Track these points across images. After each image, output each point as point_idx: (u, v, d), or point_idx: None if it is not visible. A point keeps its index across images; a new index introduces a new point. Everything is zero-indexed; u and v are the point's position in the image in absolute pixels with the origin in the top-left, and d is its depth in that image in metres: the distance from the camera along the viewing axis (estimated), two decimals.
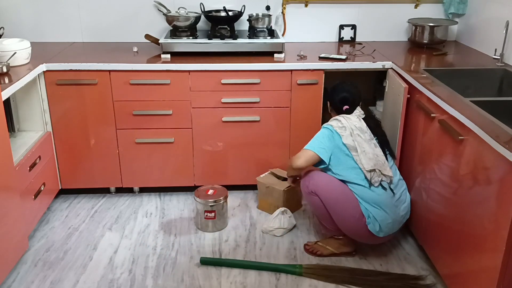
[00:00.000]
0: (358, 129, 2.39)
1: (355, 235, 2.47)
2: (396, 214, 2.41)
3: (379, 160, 2.36)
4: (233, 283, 2.38)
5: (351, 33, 3.38)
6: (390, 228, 2.40)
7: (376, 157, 2.36)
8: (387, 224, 2.37)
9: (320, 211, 2.45)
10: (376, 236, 2.39)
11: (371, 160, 2.34)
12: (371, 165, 2.33)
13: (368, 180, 2.34)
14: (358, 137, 2.36)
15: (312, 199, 2.44)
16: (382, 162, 2.37)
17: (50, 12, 3.24)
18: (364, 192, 2.35)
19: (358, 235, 2.45)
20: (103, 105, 2.87)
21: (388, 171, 2.37)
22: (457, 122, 2.04)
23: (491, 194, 1.82)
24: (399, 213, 2.43)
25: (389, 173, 2.37)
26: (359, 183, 2.35)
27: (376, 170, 2.33)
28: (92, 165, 3.01)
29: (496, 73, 2.67)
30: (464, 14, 3.28)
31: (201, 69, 2.82)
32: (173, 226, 2.83)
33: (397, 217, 2.42)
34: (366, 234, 2.39)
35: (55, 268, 2.47)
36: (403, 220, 2.49)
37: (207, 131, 2.97)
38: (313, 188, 2.41)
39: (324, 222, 2.52)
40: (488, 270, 1.85)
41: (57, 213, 2.96)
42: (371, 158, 2.34)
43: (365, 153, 2.34)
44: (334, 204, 2.38)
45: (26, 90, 2.77)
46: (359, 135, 2.37)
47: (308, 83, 2.89)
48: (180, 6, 3.12)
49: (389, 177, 2.37)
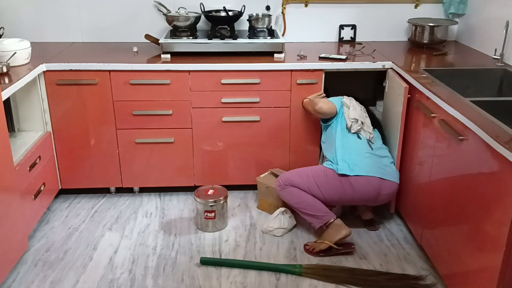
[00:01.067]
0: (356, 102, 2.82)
1: (339, 194, 2.55)
2: (372, 162, 2.57)
3: (365, 119, 2.72)
4: (233, 283, 2.38)
5: (351, 33, 3.38)
6: (362, 168, 2.52)
7: (365, 117, 2.73)
8: (358, 163, 2.52)
9: (301, 198, 2.58)
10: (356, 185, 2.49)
11: (357, 114, 2.71)
12: (356, 116, 2.69)
13: (347, 128, 2.66)
14: (354, 102, 2.79)
15: (289, 191, 2.62)
16: (367, 123, 2.72)
17: (50, 12, 3.24)
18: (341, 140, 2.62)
19: (340, 192, 2.54)
20: (103, 105, 2.87)
21: (369, 129, 2.69)
22: (457, 122, 2.04)
23: (491, 194, 1.82)
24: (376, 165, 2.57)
25: (369, 130, 2.69)
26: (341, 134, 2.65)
27: (358, 121, 2.67)
28: (92, 165, 3.01)
29: (496, 73, 2.67)
30: (464, 14, 3.28)
31: (201, 69, 2.82)
32: (173, 226, 2.83)
33: (374, 164, 2.56)
34: (345, 186, 2.52)
35: (55, 268, 2.47)
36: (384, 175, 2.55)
37: (207, 131, 2.97)
38: (284, 181, 2.63)
39: (309, 210, 2.58)
40: (488, 270, 1.85)
41: (57, 213, 2.96)
42: (358, 113, 2.71)
43: (355, 110, 2.73)
44: (307, 179, 2.58)
45: (26, 90, 2.77)
46: (357, 104, 2.80)
47: (308, 83, 2.89)
48: (180, 6, 3.12)
49: (368, 133, 2.67)
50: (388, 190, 2.57)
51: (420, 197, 2.49)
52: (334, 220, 2.56)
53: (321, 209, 2.56)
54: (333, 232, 2.55)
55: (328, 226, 2.57)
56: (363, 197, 2.58)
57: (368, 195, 2.56)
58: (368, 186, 2.53)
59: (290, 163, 3.07)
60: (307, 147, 3.03)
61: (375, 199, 2.60)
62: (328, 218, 2.56)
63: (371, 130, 2.71)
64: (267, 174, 3.02)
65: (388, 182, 2.57)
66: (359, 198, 2.58)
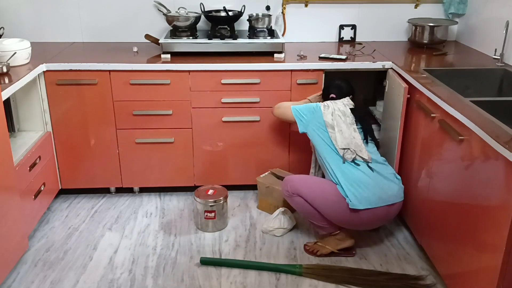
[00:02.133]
0: (341, 112, 2.54)
1: (343, 221, 2.47)
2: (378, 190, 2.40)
3: (355, 142, 2.49)
4: (233, 283, 2.38)
5: (351, 33, 3.38)
6: (371, 200, 2.38)
7: (353, 139, 2.49)
8: (365, 195, 2.37)
9: (306, 209, 2.49)
10: (362, 216, 2.39)
11: (346, 139, 2.47)
12: (345, 143, 2.46)
13: (341, 156, 2.45)
14: (338, 118, 2.52)
15: (295, 200, 2.50)
16: (358, 144, 2.48)
17: (50, 12, 3.24)
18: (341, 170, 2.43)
19: (345, 220, 2.45)
20: (103, 105, 2.87)
21: (364, 153, 2.47)
22: (457, 122, 2.04)
23: (491, 194, 1.82)
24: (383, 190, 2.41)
25: (364, 155, 2.46)
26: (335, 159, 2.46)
27: (350, 150, 2.46)
28: (92, 165, 3.01)
29: (496, 73, 2.67)
30: (464, 14, 3.28)
31: (201, 69, 2.82)
32: (173, 226, 2.83)
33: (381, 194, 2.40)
34: (352, 217, 2.40)
35: (55, 268, 2.47)
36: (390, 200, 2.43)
37: (207, 131, 2.97)
38: (292, 190, 2.49)
39: (315, 220, 2.53)
40: (488, 270, 1.85)
41: (57, 213, 2.96)
42: (346, 137, 2.48)
43: (341, 132, 2.49)
44: (315, 196, 2.45)
45: (26, 90, 2.77)
46: (339, 116, 2.52)
47: (308, 83, 2.89)
48: (180, 6, 3.13)
49: (364, 159, 2.46)
50: (394, 213, 2.51)
51: (420, 197, 2.48)
52: (339, 231, 2.54)
53: (327, 221, 2.51)
54: (337, 241, 2.55)
55: (333, 235, 2.56)
56: (369, 227, 2.58)
57: (375, 224, 2.56)
58: (376, 218, 2.47)
59: (290, 163, 3.07)
60: (307, 147, 3.03)
61: (382, 224, 2.62)
62: (334, 230, 2.54)
63: (365, 151, 2.48)
64: (267, 174, 3.02)
65: (395, 205, 2.48)
66: (364, 228, 2.58)
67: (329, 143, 2.49)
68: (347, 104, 2.58)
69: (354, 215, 2.40)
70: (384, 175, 2.47)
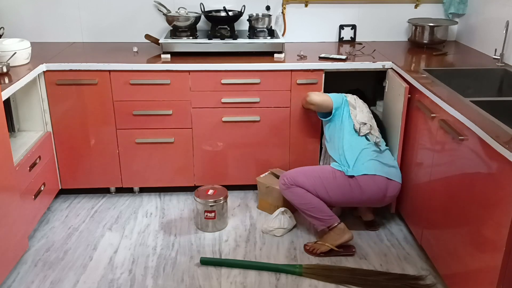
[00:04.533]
0: (361, 101, 2.78)
1: (346, 195, 2.53)
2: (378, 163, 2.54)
3: (373, 122, 2.70)
4: (233, 283, 2.38)
5: (351, 33, 3.38)
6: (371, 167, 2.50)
7: (371, 119, 2.70)
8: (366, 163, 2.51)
9: (306, 200, 2.53)
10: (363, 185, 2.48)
11: (365, 117, 2.67)
12: (364, 119, 2.65)
13: (356, 130, 2.61)
14: (360, 102, 2.76)
15: (294, 191, 2.56)
16: (374, 126, 2.69)
17: (50, 12, 3.24)
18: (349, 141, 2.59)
19: (347, 193, 2.52)
20: (103, 105, 2.87)
21: (377, 133, 2.66)
22: (457, 122, 2.04)
23: (491, 194, 1.82)
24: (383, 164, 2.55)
25: (376, 134, 2.66)
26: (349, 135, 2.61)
27: (367, 124, 2.63)
28: (92, 165, 3.01)
29: (496, 73, 2.67)
30: (464, 14, 3.28)
31: (201, 69, 2.82)
32: (173, 226, 2.83)
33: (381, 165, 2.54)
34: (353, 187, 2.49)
35: (55, 268, 2.47)
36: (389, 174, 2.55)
37: (207, 131, 2.97)
38: (290, 181, 2.57)
39: (314, 212, 2.55)
40: (488, 270, 1.85)
41: (57, 213, 2.96)
42: (366, 116, 2.68)
43: (362, 112, 2.69)
44: (314, 180, 2.53)
45: (26, 90, 2.77)
46: (361, 104, 2.76)
47: (308, 83, 2.89)
48: (180, 6, 3.13)
49: (375, 137, 2.63)
50: (393, 191, 2.57)
51: (420, 197, 2.49)
52: (337, 224, 2.55)
53: (325, 212, 2.55)
54: (336, 235, 2.56)
55: (331, 229, 2.56)
56: (370, 198, 2.56)
57: (375, 196, 2.55)
58: (376, 187, 2.51)
59: (290, 163, 3.07)
60: (307, 147, 3.03)
61: (381, 200, 2.59)
62: (332, 222, 2.55)
63: (378, 133, 2.68)
64: (267, 174, 3.02)
65: (394, 182, 2.56)
66: (366, 199, 2.56)
67: (348, 122, 2.64)
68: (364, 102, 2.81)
69: (355, 185, 2.48)
70: (387, 158, 2.62)
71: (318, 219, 2.56)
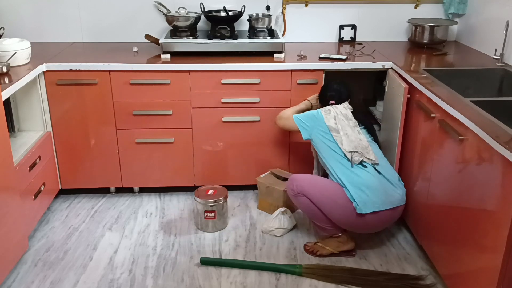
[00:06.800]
0: (343, 115, 2.56)
1: (348, 224, 2.48)
2: (383, 193, 2.40)
3: (361, 144, 2.48)
4: (233, 283, 2.38)
5: (351, 33, 3.38)
6: (377, 204, 2.38)
7: (359, 141, 2.49)
8: (372, 199, 2.37)
9: (311, 210, 2.48)
10: (368, 220, 2.39)
11: (353, 142, 2.47)
12: (352, 146, 2.46)
13: (348, 159, 2.43)
14: (342, 121, 2.53)
15: (300, 200, 2.49)
16: (365, 146, 2.48)
17: (50, 12, 3.24)
18: (346, 174, 2.42)
19: (350, 223, 2.45)
20: (103, 105, 2.87)
21: (371, 155, 2.47)
22: (457, 122, 2.04)
23: (491, 194, 1.82)
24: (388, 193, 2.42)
25: (371, 156, 2.46)
26: (340, 163, 2.44)
27: (358, 152, 2.45)
28: (92, 165, 3.01)
29: (496, 73, 2.67)
30: (464, 14, 3.28)
31: (201, 69, 2.82)
32: (173, 226, 2.83)
33: (386, 197, 2.41)
34: (358, 220, 2.40)
35: (55, 268, 2.47)
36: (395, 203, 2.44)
37: (207, 131, 2.97)
38: (298, 189, 2.48)
39: (318, 221, 2.53)
40: (488, 270, 1.85)
41: (57, 213, 2.96)
42: (353, 140, 2.48)
43: (347, 135, 2.49)
44: (321, 198, 2.44)
45: (26, 90, 2.77)
46: (343, 120, 2.53)
47: (308, 83, 2.89)
48: (180, 6, 3.12)
49: (371, 161, 2.46)
50: (397, 217, 2.52)
51: (420, 197, 2.48)
52: (341, 234, 2.54)
53: (330, 223, 2.50)
54: (338, 243, 2.55)
55: (334, 237, 2.56)
56: (372, 230, 2.58)
57: (379, 227, 2.56)
58: (381, 222, 2.47)
59: (290, 163, 3.07)
60: (307, 147, 3.03)
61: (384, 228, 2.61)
62: (336, 232, 2.54)
63: (372, 152, 2.49)
64: (267, 174, 3.02)
65: (398, 208, 2.48)
66: (368, 231, 2.58)
67: (333, 147, 2.48)
68: (347, 107, 2.62)
69: (360, 219, 2.39)
70: (389, 179, 2.47)
71: (322, 228, 2.56)
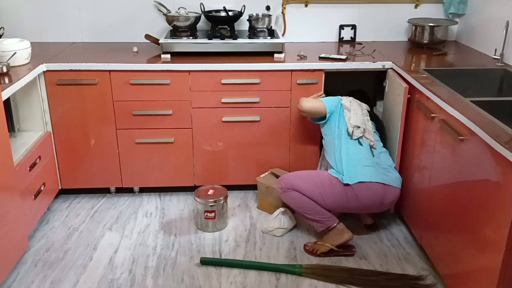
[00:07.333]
0: (358, 104, 2.75)
1: (341, 204, 2.51)
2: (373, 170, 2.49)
3: (367, 125, 2.65)
4: (233, 283, 2.38)
5: (351, 33, 3.38)
6: (366, 174, 2.46)
7: (365, 122, 2.66)
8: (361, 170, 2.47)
9: (302, 203, 2.52)
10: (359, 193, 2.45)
11: (359, 120, 2.64)
12: (358, 122, 2.62)
13: (349, 134, 2.58)
14: (355, 104, 2.72)
15: (291, 195, 2.55)
16: (369, 129, 2.64)
17: (50, 12, 3.24)
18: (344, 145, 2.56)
19: (343, 202, 2.49)
20: (103, 105, 2.87)
21: (371, 136, 2.61)
22: (457, 122, 2.04)
23: (491, 194, 1.82)
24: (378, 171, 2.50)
25: (370, 137, 2.61)
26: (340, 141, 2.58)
27: (360, 128, 2.60)
28: (92, 165, 3.01)
29: (496, 73, 2.67)
30: (464, 14, 3.28)
31: (201, 69, 2.82)
32: (173, 226, 2.83)
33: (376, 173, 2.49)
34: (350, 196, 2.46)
35: (55, 268, 2.47)
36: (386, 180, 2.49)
37: (207, 131, 2.97)
38: (287, 185, 2.56)
39: (311, 215, 2.54)
40: (488, 270, 1.85)
41: (57, 213, 2.96)
42: (360, 119, 2.65)
43: (356, 114, 2.66)
44: (310, 186, 2.51)
45: (26, 90, 2.77)
46: (357, 106, 2.72)
47: (308, 83, 2.89)
48: (180, 6, 3.12)
49: (369, 141, 2.59)
50: (391, 197, 2.53)
51: (420, 197, 2.49)
52: (336, 224, 2.55)
53: (323, 214, 2.53)
54: (335, 236, 2.55)
55: (330, 230, 2.56)
56: (367, 206, 2.55)
57: (372, 203, 2.53)
58: (372, 195, 2.48)
59: (290, 163, 3.07)
60: (307, 147, 3.03)
61: (379, 207, 2.58)
62: (331, 223, 2.55)
63: (373, 136, 2.63)
64: (267, 174, 3.02)
65: (391, 188, 2.51)
66: (363, 207, 2.55)
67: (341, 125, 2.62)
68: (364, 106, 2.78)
69: (351, 193, 2.45)
70: (383, 162, 2.57)
71: (316, 221, 2.56)
